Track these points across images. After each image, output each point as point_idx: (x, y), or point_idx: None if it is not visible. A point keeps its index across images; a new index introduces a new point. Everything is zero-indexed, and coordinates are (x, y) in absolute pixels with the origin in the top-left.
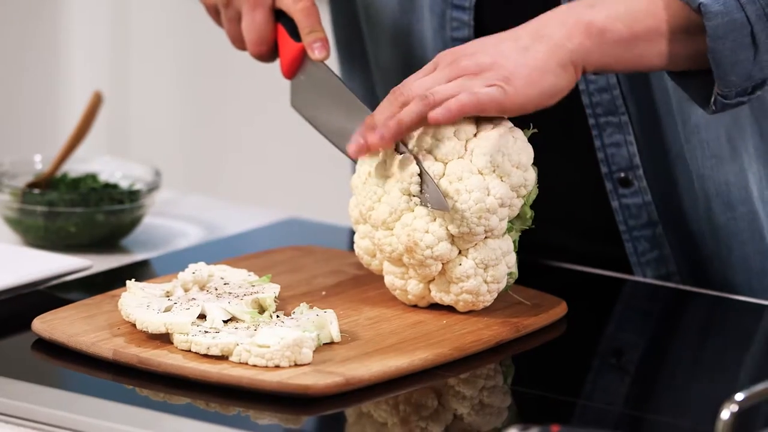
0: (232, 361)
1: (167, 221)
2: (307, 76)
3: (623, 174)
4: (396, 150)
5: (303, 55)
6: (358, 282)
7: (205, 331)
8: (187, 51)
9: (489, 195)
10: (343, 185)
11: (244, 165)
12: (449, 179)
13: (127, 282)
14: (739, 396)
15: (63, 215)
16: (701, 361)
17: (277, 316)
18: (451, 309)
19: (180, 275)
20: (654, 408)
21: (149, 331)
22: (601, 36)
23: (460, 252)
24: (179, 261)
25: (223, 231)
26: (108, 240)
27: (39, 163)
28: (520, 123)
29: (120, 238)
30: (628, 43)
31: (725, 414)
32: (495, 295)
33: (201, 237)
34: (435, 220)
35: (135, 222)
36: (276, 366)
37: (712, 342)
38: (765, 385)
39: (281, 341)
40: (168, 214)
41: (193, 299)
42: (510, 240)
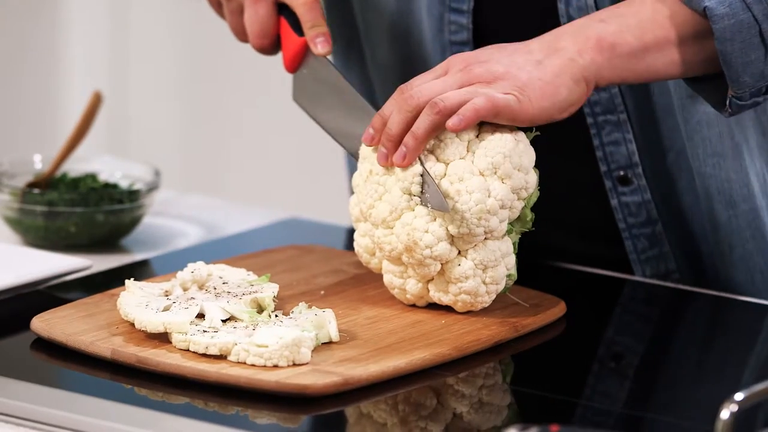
0: (230, 361)
1: (167, 221)
2: (309, 70)
3: (622, 172)
4: None
5: (305, 49)
6: (357, 281)
7: (204, 331)
8: (187, 51)
9: (490, 196)
10: (343, 185)
11: (243, 165)
12: (450, 180)
13: (126, 281)
14: (739, 396)
15: (63, 215)
16: (701, 361)
17: (276, 315)
18: (450, 309)
19: (179, 274)
20: (653, 408)
21: (148, 331)
22: (612, 50)
23: (459, 252)
24: (179, 261)
25: (223, 231)
26: (108, 240)
27: (39, 163)
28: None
29: (120, 237)
30: (639, 55)
31: (725, 414)
32: (493, 297)
33: (201, 237)
34: (435, 219)
35: (135, 222)
36: (274, 365)
37: (712, 342)
38: (765, 385)
39: (280, 341)
40: (168, 213)
41: (192, 298)
42: (509, 242)
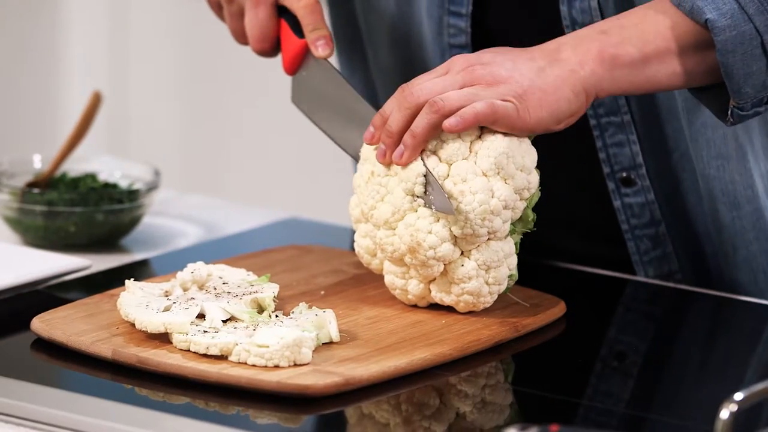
0: (231, 361)
1: (166, 221)
2: (309, 72)
3: (626, 173)
4: None
5: (305, 52)
6: (357, 281)
7: (204, 331)
8: (186, 50)
9: (493, 197)
10: (343, 185)
11: (243, 164)
12: (453, 180)
13: (126, 281)
14: (739, 396)
15: (62, 215)
16: (703, 362)
17: (276, 315)
18: (450, 309)
19: (179, 275)
20: (654, 408)
21: (148, 331)
22: (614, 62)
23: (462, 253)
24: (178, 260)
25: (223, 230)
26: (107, 239)
27: (38, 163)
28: None
29: (119, 237)
30: (640, 66)
31: (725, 414)
32: (495, 297)
33: (200, 236)
34: (438, 220)
35: (134, 221)
36: (275, 366)
37: (713, 342)
38: (764, 385)
39: (281, 341)
40: (167, 213)
41: (192, 299)
42: (512, 242)
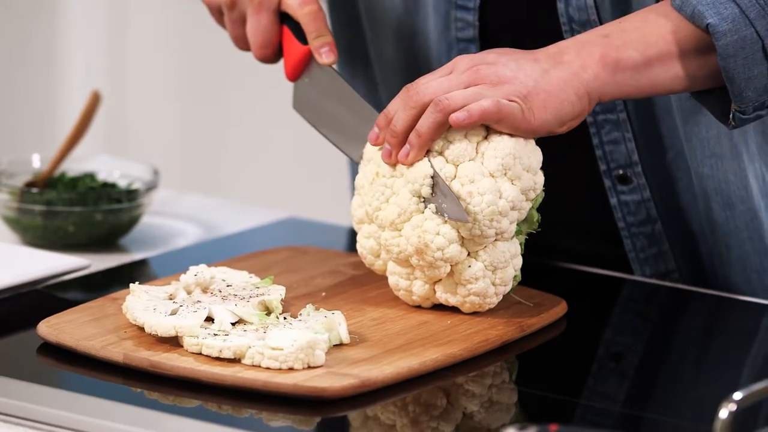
0: (244, 364)
1: (165, 220)
2: (312, 78)
3: (622, 171)
4: None
5: (308, 58)
6: (357, 282)
7: (215, 334)
8: (185, 50)
9: (501, 198)
10: (341, 185)
11: (242, 164)
12: (461, 181)
13: (131, 285)
14: (738, 395)
15: (61, 214)
16: (701, 361)
17: (284, 317)
18: (454, 309)
19: (182, 278)
20: (653, 407)
21: (159, 334)
22: (616, 65)
23: (469, 254)
24: (178, 260)
25: (222, 230)
26: (106, 239)
27: (37, 163)
28: None
29: (118, 237)
30: (642, 70)
31: (723, 413)
32: (500, 298)
33: (199, 236)
34: (446, 222)
35: (133, 221)
36: (289, 368)
37: (712, 342)
38: (763, 385)
39: (294, 343)
40: (166, 213)
41: (199, 302)
42: (517, 243)
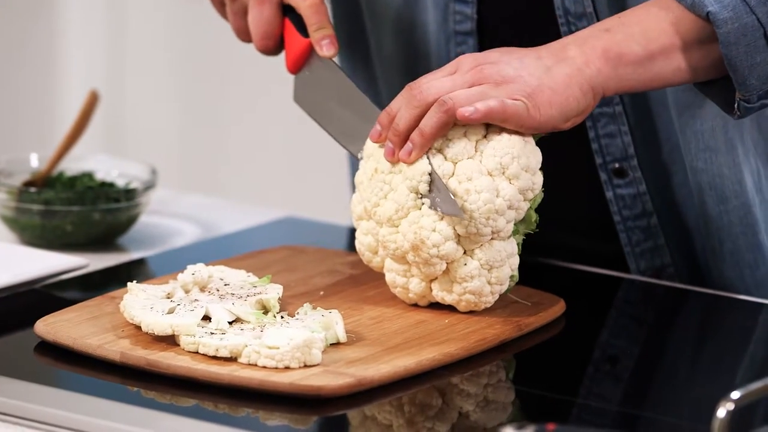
0: (240, 363)
1: (163, 220)
2: (313, 71)
3: (618, 164)
4: None
5: (309, 51)
6: (354, 281)
7: (212, 333)
8: (184, 49)
9: (498, 196)
10: (340, 184)
11: (240, 163)
12: (458, 179)
13: (129, 284)
14: (735, 394)
15: (59, 214)
16: (699, 360)
17: (282, 316)
18: (451, 308)
19: (180, 276)
20: (651, 406)
21: (155, 333)
22: (619, 60)
23: (465, 252)
24: (176, 260)
25: (220, 229)
26: (104, 238)
27: (35, 162)
28: None
29: (116, 236)
30: (645, 63)
31: (721, 412)
32: (497, 297)
33: (197, 235)
34: (442, 218)
35: (131, 220)
36: (286, 367)
37: (709, 340)
38: (761, 384)
39: (291, 342)
40: (164, 212)
41: (196, 300)
42: (514, 243)
